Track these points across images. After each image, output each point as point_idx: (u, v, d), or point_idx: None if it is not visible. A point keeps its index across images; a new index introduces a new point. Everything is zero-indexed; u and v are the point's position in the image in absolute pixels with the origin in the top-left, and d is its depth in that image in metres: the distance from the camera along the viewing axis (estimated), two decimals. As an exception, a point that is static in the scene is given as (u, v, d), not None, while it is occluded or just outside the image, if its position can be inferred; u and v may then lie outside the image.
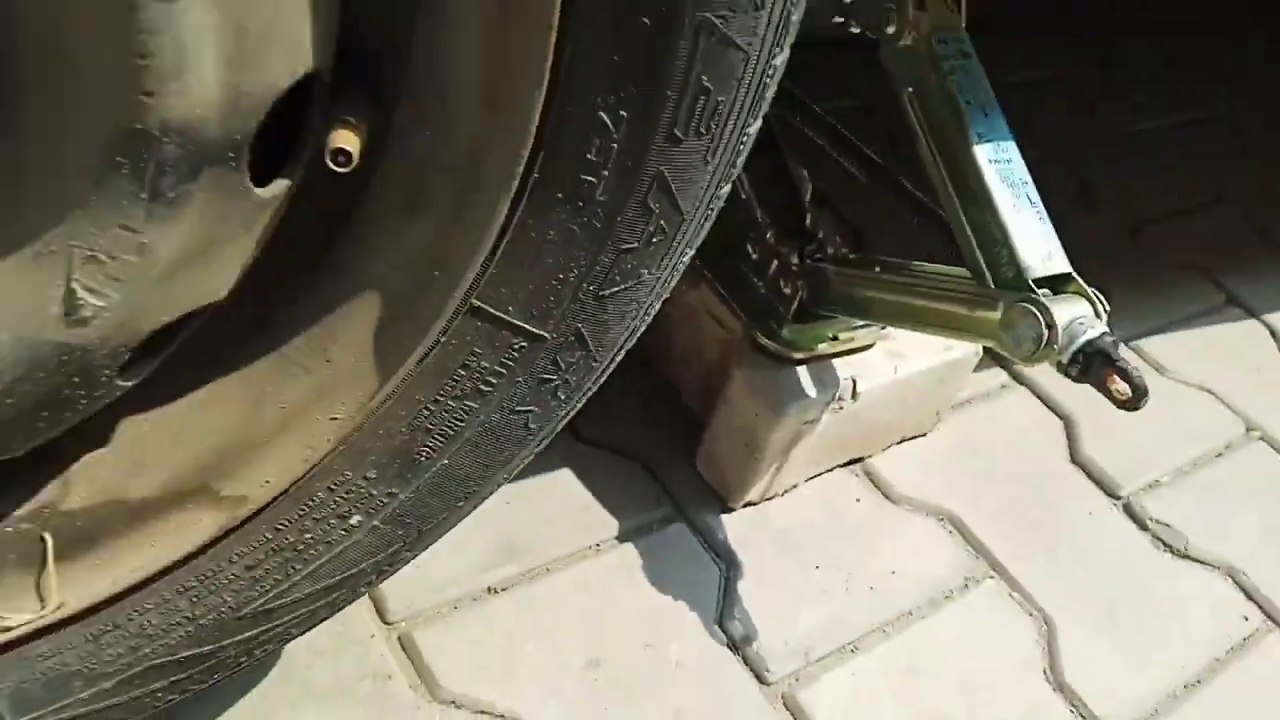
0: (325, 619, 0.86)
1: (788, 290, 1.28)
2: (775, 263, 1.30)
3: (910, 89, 1.04)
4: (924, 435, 1.53)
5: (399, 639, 1.14)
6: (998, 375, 1.68)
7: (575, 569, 1.25)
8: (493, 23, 0.60)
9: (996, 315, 1.01)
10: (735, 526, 1.35)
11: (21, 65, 0.51)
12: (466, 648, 1.14)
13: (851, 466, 1.47)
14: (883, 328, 1.33)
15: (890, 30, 1.03)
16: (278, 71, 0.56)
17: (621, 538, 1.30)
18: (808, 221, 1.30)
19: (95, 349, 0.61)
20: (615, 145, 0.63)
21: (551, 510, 1.30)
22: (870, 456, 1.48)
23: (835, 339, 1.31)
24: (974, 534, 1.43)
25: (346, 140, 0.61)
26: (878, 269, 1.19)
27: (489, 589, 1.20)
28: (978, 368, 1.49)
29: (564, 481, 1.33)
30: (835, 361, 1.33)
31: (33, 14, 0.50)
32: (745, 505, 1.37)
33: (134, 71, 0.50)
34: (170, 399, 0.75)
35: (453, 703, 1.10)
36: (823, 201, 1.32)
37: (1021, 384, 1.68)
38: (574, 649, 1.17)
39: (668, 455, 1.40)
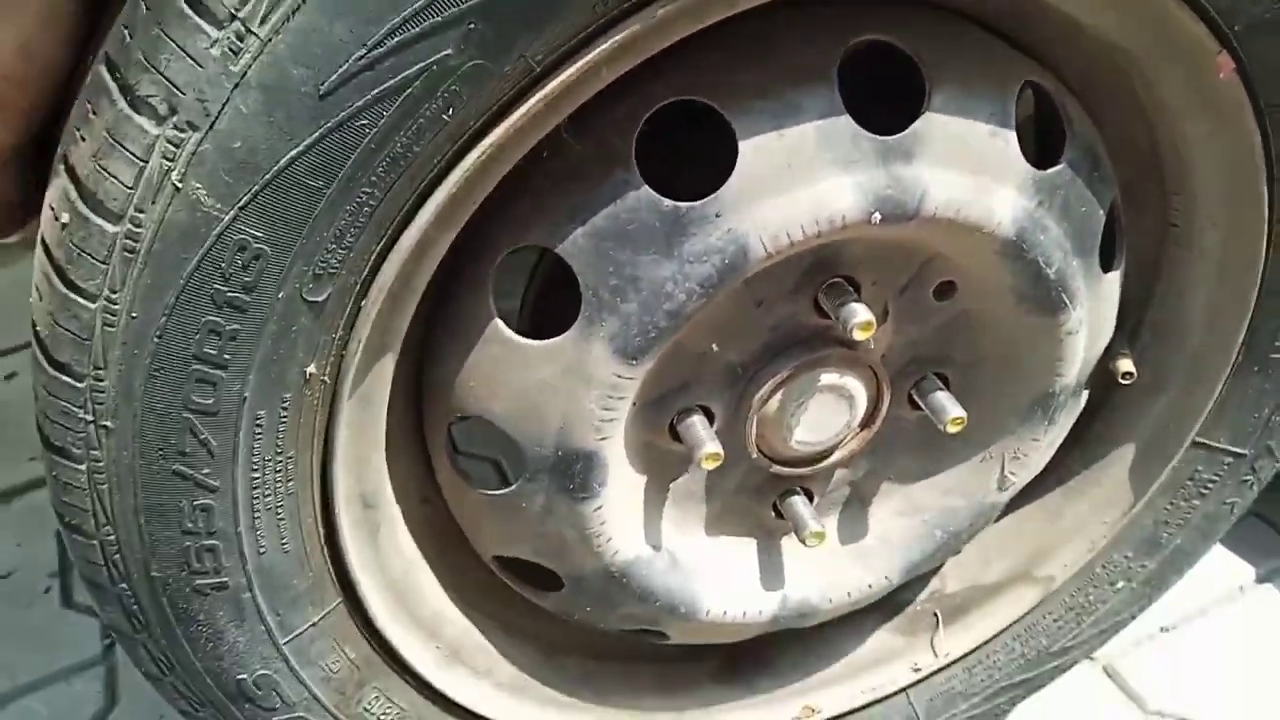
0: (1099, 647, 1.31)
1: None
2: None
3: None
4: None
5: (1103, 669, 1.56)
6: None
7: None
8: (1212, 290, 1.05)
9: None
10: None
11: (983, 357, 1.03)
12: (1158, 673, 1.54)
13: None
14: None
15: None
16: (1101, 344, 1.04)
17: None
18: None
19: (1000, 502, 1.12)
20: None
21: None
22: None
23: None
24: None
25: (1128, 364, 1.08)
26: None
27: (1160, 628, 1.60)
28: None
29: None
30: None
31: (987, 347, 1.01)
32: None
33: (1054, 365, 1.00)
34: (1001, 518, 1.24)
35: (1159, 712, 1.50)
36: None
37: None
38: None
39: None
